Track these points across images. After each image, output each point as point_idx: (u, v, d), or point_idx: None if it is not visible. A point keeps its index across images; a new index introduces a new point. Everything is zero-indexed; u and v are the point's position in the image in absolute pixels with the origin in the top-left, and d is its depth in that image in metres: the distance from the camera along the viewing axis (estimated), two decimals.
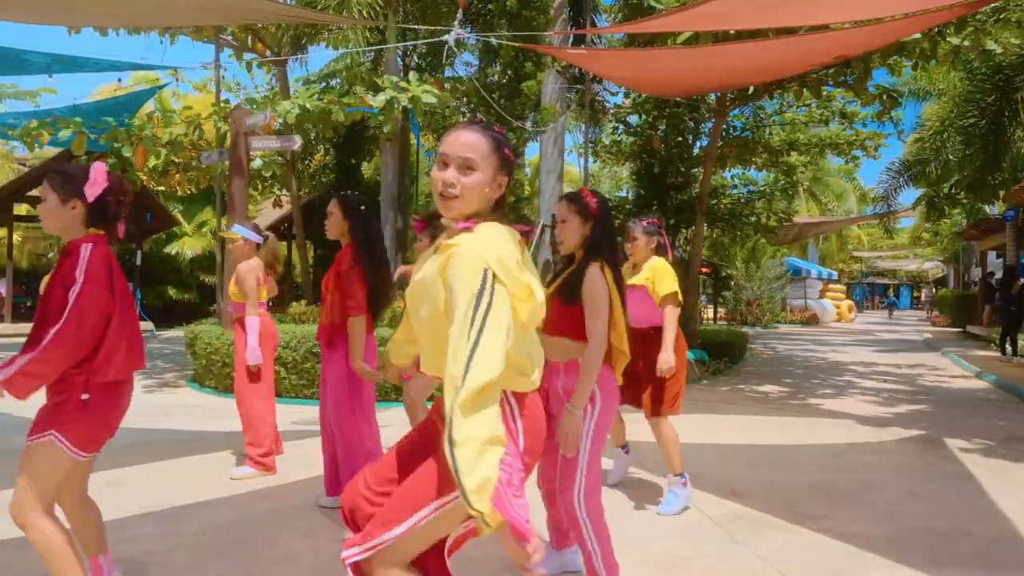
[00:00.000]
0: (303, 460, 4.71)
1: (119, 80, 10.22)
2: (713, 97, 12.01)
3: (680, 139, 13.42)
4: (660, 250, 3.96)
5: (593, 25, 14.59)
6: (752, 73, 8.37)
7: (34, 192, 18.02)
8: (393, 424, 5.18)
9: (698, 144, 14.22)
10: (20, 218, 18.49)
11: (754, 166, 15.49)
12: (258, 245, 4.53)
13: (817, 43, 6.86)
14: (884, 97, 10.34)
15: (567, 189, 19.33)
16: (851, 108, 12.98)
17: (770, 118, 14.62)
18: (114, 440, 2.41)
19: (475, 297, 1.50)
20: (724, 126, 13.16)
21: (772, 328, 25.14)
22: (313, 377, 7.19)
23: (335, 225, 3.69)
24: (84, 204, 2.34)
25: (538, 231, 13.28)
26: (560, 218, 2.73)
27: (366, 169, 16.40)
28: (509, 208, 7.61)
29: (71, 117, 9.05)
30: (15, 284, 18.06)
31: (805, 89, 10.32)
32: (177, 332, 17.61)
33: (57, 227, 2.36)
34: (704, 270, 27.13)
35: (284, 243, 21.85)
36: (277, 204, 16.13)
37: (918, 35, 7.76)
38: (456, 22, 7.19)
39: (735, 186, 15.99)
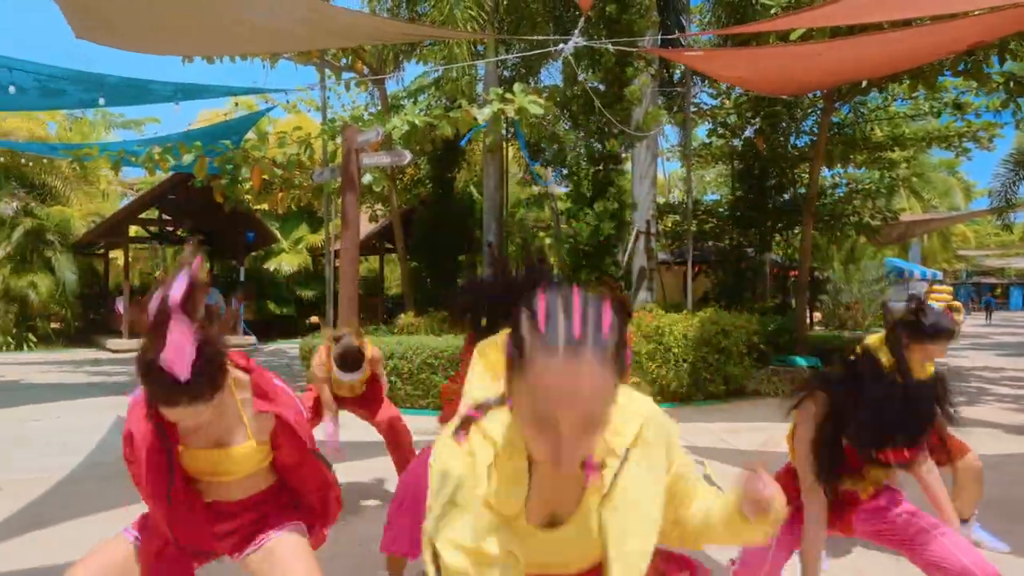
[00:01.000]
0: None
1: (235, 104, 10.68)
2: (818, 93, 11.53)
3: (780, 139, 12.98)
4: None
5: (680, 28, 14.29)
6: (869, 67, 7.98)
7: (144, 215, 19.16)
8: None
9: (797, 143, 13.71)
10: (132, 239, 19.64)
11: (853, 163, 14.77)
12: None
13: (949, 31, 6.46)
14: (1011, 84, 9.64)
15: (656, 193, 18.97)
16: (964, 98, 12.19)
17: (872, 113, 13.92)
18: None
19: None
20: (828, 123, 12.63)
21: (874, 331, 23.90)
22: (428, 388, 7.25)
23: None
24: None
25: (633, 237, 13.08)
26: None
27: (459, 181, 16.61)
28: (611, 215, 7.48)
29: (190, 143, 9.51)
30: (129, 302, 19.20)
31: (908, 80, 9.71)
32: (279, 345, 18.33)
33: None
34: (796, 273, 26.20)
35: (377, 256, 22.43)
36: (373, 219, 16.54)
37: None
38: (577, 30, 7.12)
39: (836, 185, 15.35)
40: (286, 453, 1.89)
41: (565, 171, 9.91)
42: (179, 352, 1.50)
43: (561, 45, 7.34)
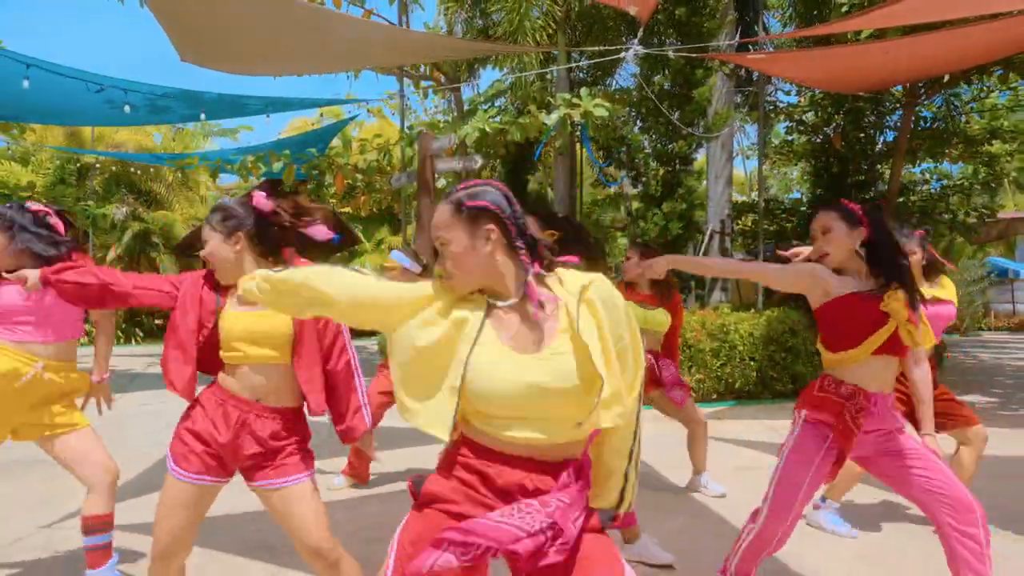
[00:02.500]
0: None
1: (320, 115, 11.37)
2: (899, 88, 11.17)
3: (862, 135, 12.60)
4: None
5: (760, 23, 14.07)
6: (947, 62, 7.74)
7: None
8: None
9: (881, 139, 13.26)
10: None
11: (948, 158, 14.08)
12: (419, 274, 4.13)
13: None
14: None
15: (735, 193, 18.70)
16: None
17: (966, 105, 13.28)
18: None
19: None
20: (912, 118, 12.17)
21: (974, 335, 22.67)
22: None
23: None
24: (247, 235, 2.24)
25: (707, 236, 13.01)
26: (823, 229, 2.47)
27: (531, 183, 16.90)
28: (680, 215, 7.65)
29: (280, 151, 10.20)
30: None
31: (1000, 70, 9.28)
32: (361, 342, 19.14)
33: (226, 267, 2.24)
34: None
35: None
36: None
37: None
38: (636, 39, 7.27)
39: (926, 181, 14.73)
40: (310, 327, 2.24)
41: (634, 172, 10.02)
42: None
43: (623, 52, 7.48)
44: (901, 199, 13.85)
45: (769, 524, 2.35)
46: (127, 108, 7.29)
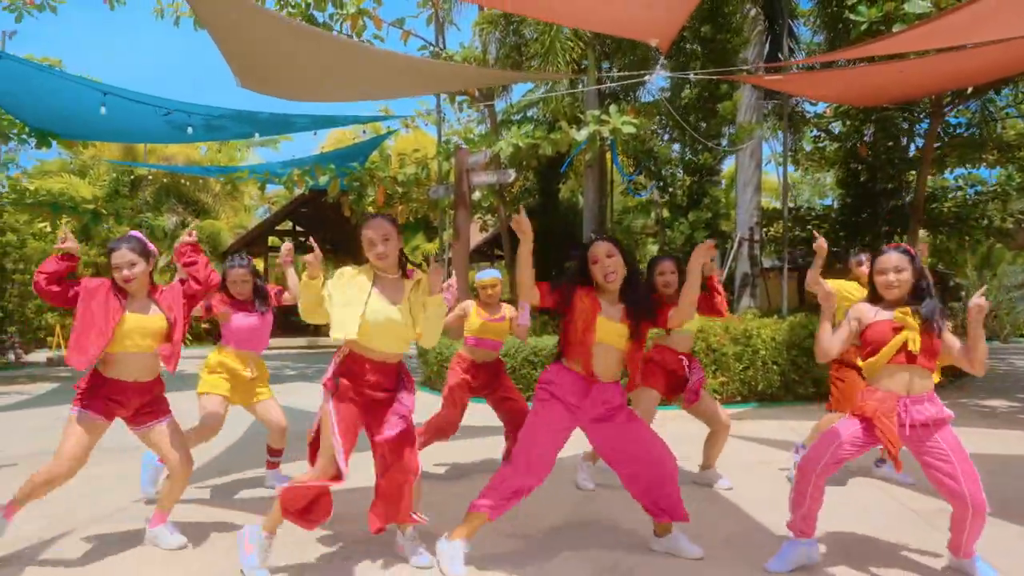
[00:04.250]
0: None
1: (364, 132, 11.98)
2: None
3: (891, 143, 12.74)
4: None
5: (791, 33, 14.31)
6: (968, 76, 7.92)
7: (280, 227, 21.19)
8: None
9: (912, 146, 13.37)
10: (270, 248, 21.74)
11: (984, 164, 14.03)
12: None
13: None
14: None
15: (765, 199, 18.85)
16: None
17: (1002, 111, 13.28)
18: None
19: None
20: (942, 126, 12.30)
21: (1014, 343, 22.39)
22: (529, 382, 8.00)
23: None
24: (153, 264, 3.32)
25: (736, 244, 13.26)
26: (898, 267, 2.98)
27: (563, 191, 17.34)
28: (706, 224, 8.06)
29: (325, 165, 10.80)
30: None
31: None
32: None
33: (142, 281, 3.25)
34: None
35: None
36: (483, 229, 17.59)
37: None
38: (659, 65, 7.67)
39: (960, 187, 14.74)
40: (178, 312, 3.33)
41: (660, 184, 10.38)
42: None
43: (648, 76, 7.87)
44: (934, 205, 13.93)
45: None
46: (190, 130, 7.93)
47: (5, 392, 9.47)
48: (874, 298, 3.09)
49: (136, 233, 3.35)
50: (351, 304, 2.86)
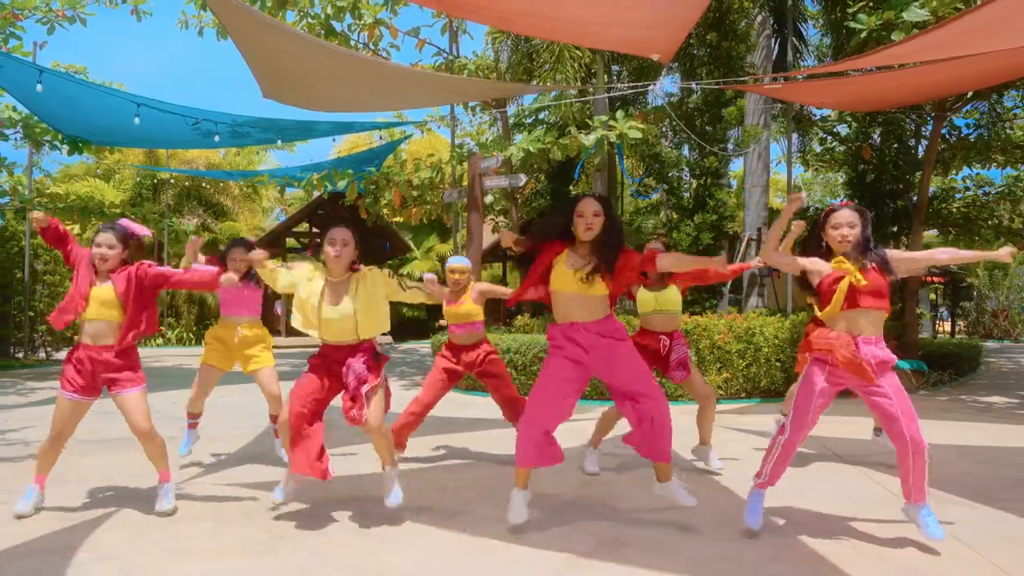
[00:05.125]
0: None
1: (380, 137, 12.35)
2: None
3: (897, 145, 12.92)
4: None
5: (800, 36, 14.54)
6: (974, 79, 8.09)
7: (297, 228, 21.63)
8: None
9: (920, 147, 13.53)
10: (288, 250, 22.17)
11: (996, 164, 14.12)
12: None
13: None
14: None
15: (775, 199, 19.05)
16: None
17: (1010, 112, 13.41)
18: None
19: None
20: (950, 127, 12.47)
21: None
22: (524, 371, 8.39)
23: None
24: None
25: (744, 243, 13.51)
26: (851, 223, 3.31)
27: (574, 192, 17.64)
28: (711, 226, 8.45)
29: (342, 170, 11.19)
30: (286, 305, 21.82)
31: None
32: (411, 344, 20.16)
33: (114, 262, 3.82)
34: (938, 279, 24.90)
35: (501, 263, 23.89)
36: (496, 230, 17.94)
37: None
38: (661, 77, 7.98)
39: (967, 188, 14.87)
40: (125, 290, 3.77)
41: (667, 187, 10.68)
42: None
43: (652, 87, 8.19)
44: (943, 205, 14.09)
45: (792, 435, 3.33)
46: (216, 138, 8.34)
47: (41, 387, 9.92)
48: (827, 253, 3.40)
49: (124, 221, 3.94)
50: (307, 307, 3.69)
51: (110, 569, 3.03)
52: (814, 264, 3.40)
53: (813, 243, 3.49)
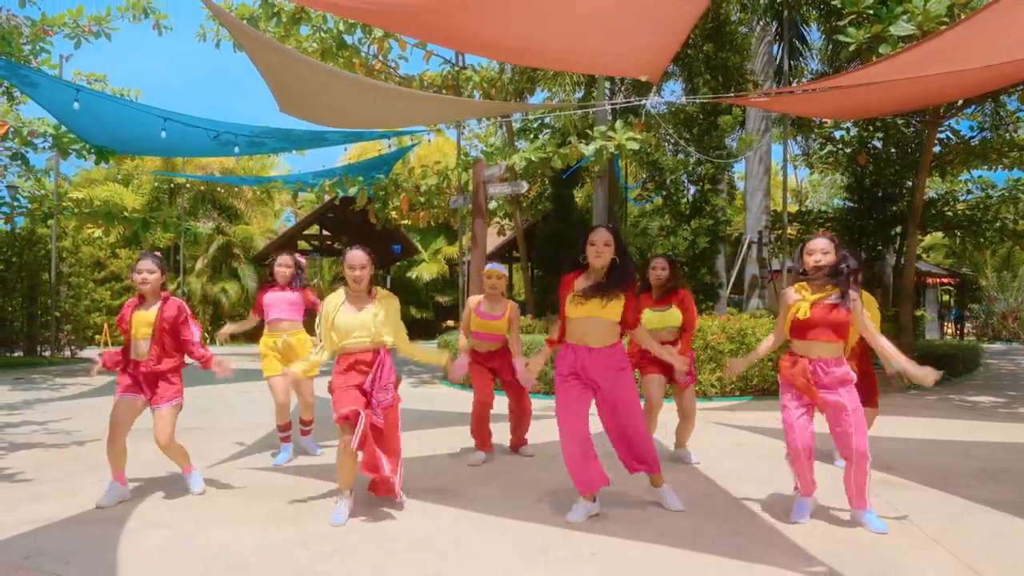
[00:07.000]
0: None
1: (389, 145, 12.79)
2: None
3: (895, 149, 13.15)
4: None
5: (801, 38, 14.81)
6: (965, 87, 8.29)
7: (308, 231, 22.15)
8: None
9: (919, 152, 13.74)
10: (300, 252, 22.69)
11: (1002, 166, 14.23)
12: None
13: None
14: None
15: (778, 200, 19.30)
16: None
17: (1013, 115, 13.55)
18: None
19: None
20: (951, 131, 12.72)
21: None
22: (540, 377, 8.74)
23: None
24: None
25: (745, 246, 13.85)
26: (824, 250, 3.62)
27: (578, 196, 18.05)
28: (707, 231, 8.88)
29: (353, 176, 11.65)
30: None
31: None
32: (419, 344, 20.55)
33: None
34: (945, 280, 25.01)
35: (506, 265, 24.31)
36: (501, 233, 18.35)
37: None
38: (652, 93, 8.37)
39: (969, 191, 15.06)
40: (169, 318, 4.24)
41: (664, 192, 11.05)
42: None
43: (645, 102, 8.59)
44: (946, 208, 14.33)
45: (789, 446, 3.68)
46: (236, 149, 8.83)
47: (71, 383, 10.46)
48: (804, 276, 3.74)
49: (156, 254, 4.38)
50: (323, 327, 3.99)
51: (159, 535, 3.52)
52: (783, 296, 3.78)
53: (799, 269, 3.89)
